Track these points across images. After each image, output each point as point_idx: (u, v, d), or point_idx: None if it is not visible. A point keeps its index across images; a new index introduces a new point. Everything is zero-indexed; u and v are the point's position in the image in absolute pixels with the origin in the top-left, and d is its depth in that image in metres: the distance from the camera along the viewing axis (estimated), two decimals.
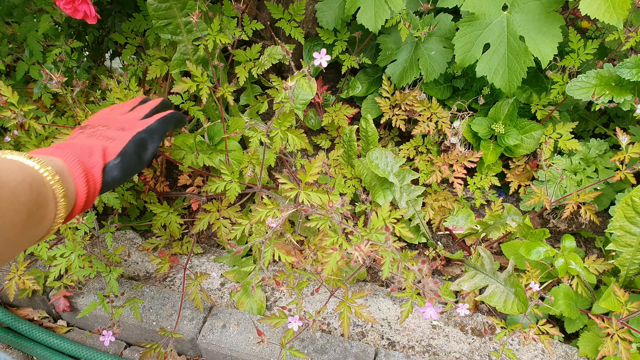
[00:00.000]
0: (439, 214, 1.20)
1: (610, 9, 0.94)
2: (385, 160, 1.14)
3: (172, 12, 1.09)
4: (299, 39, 1.24)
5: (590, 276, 1.01)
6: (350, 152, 1.21)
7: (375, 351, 1.00)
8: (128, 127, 0.75)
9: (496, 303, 1.00)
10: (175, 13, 1.09)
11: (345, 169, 1.23)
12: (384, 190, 1.16)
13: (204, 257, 1.20)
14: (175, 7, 1.08)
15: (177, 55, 1.15)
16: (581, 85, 1.07)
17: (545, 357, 1.00)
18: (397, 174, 1.14)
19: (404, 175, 1.15)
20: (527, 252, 1.00)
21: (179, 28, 1.11)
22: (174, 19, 1.10)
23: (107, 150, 0.69)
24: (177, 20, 1.10)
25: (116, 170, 0.68)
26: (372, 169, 1.13)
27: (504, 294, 1.01)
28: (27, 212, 0.48)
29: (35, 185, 0.51)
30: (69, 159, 0.61)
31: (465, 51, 1.08)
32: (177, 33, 1.12)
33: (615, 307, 0.92)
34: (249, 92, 1.34)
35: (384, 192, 1.16)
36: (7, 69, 1.20)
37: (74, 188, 0.60)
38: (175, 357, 1.11)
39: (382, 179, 1.17)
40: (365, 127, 1.20)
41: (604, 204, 1.18)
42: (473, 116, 1.22)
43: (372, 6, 1.10)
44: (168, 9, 1.08)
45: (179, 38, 1.13)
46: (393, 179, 1.12)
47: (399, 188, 1.14)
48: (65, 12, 0.91)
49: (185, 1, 1.08)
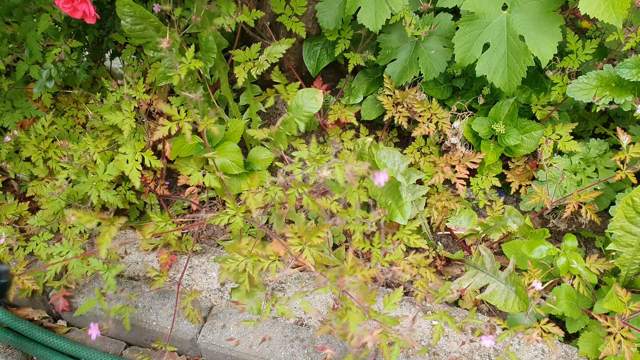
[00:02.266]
0: (441, 215, 1.20)
1: (609, 8, 0.94)
2: (392, 159, 1.14)
3: (149, 32, 1.09)
4: (300, 33, 1.24)
5: (591, 276, 1.01)
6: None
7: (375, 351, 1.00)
8: None
9: (497, 302, 1.00)
10: (152, 33, 1.09)
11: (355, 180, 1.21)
12: (400, 208, 1.13)
13: (204, 257, 1.20)
14: (150, 29, 1.08)
15: (162, 70, 1.13)
16: (582, 86, 1.07)
17: (546, 357, 1.00)
18: (404, 173, 1.14)
19: (410, 175, 1.14)
20: (529, 250, 1.00)
21: (159, 45, 1.11)
22: (151, 38, 1.09)
23: None
24: (155, 40, 1.10)
25: None
26: (380, 168, 1.13)
27: (504, 293, 1.01)
28: None
29: None
30: None
31: (465, 50, 1.08)
32: (158, 50, 1.12)
33: (618, 308, 0.92)
34: (248, 92, 1.34)
35: (401, 210, 1.13)
36: (7, 68, 1.20)
37: None
38: (175, 357, 1.11)
39: (394, 193, 1.14)
40: (374, 154, 1.20)
41: (604, 204, 1.18)
42: (473, 116, 1.22)
43: (373, 6, 1.10)
44: (143, 30, 1.08)
45: (162, 54, 1.12)
46: (400, 178, 1.12)
47: (405, 188, 1.13)
48: (64, 11, 0.91)
49: (158, 25, 1.08)
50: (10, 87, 1.20)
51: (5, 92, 1.21)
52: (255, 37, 1.33)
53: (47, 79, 1.12)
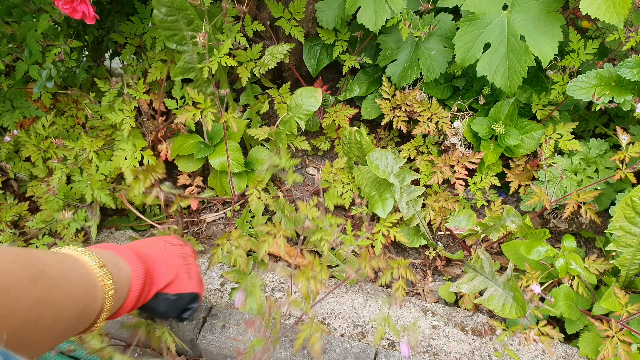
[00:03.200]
0: (439, 215, 1.20)
1: (610, 8, 0.93)
2: (385, 161, 1.14)
3: (179, 25, 1.09)
4: (298, 37, 1.24)
5: (590, 276, 1.01)
6: (351, 154, 1.21)
7: (375, 351, 1.00)
8: (196, 281, 0.79)
9: (494, 307, 1.00)
10: (182, 26, 1.09)
11: (345, 174, 1.22)
12: (383, 201, 1.14)
13: (204, 257, 1.20)
14: (181, 21, 1.08)
15: (181, 64, 1.14)
16: (581, 85, 1.07)
17: (546, 357, 1.00)
18: (397, 175, 1.13)
19: (404, 176, 1.14)
20: (527, 251, 1.00)
21: (184, 39, 1.11)
22: (180, 31, 1.10)
23: (176, 280, 0.73)
24: (183, 33, 1.10)
25: (164, 304, 0.73)
26: (373, 169, 1.12)
27: (502, 298, 1.00)
28: (80, 310, 0.54)
29: (89, 281, 0.56)
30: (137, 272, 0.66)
31: (465, 51, 1.08)
32: (182, 44, 1.12)
33: (615, 308, 0.92)
34: (248, 92, 1.34)
35: (384, 203, 1.14)
36: (7, 68, 1.20)
37: (125, 298, 0.64)
38: (175, 357, 1.11)
39: (380, 185, 1.16)
40: (359, 140, 1.19)
41: (604, 204, 1.18)
42: (473, 116, 1.22)
43: (373, 6, 1.10)
44: (174, 22, 1.08)
45: (184, 48, 1.13)
46: (393, 179, 1.12)
47: (399, 189, 1.13)
48: (64, 11, 0.91)
49: (192, 18, 1.08)
50: (10, 87, 1.20)
51: (5, 92, 1.21)
52: (255, 38, 1.33)
53: (47, 79, 1.12)
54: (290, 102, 1.18)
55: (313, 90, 1.18)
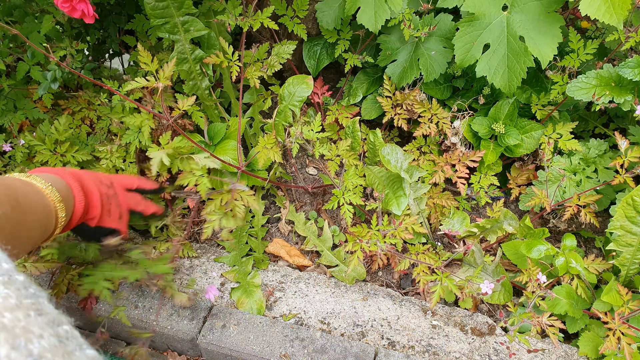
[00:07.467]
0: (440, 214, 1.20)
1: (610, 9, 0.94)
2: (395, 156, 1.15)
3: (170, 12, 1.09)
4: (301, 35, 1.24)
5: (590, 276, 1.01)
6: (355, 143, 1.21)
7: (375, 351, 1.00)
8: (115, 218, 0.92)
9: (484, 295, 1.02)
10: (173, 12, 1.09)
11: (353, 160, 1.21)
12: (397, 199, 1.15)
13: (204, 257, 1.20)
14: (172, 7, 1.08)
15: (174, 54, 1.14)
16: (581, 85, 1.07)
17: (546, 356, 1.00)
18: (407, 170, 1.14)
19: (412, 172, 1.15)
20: (527, 250, 1.00)
21: (176, 27, 1.11)
22: (171, 18, 1.10)
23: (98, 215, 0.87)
24: (175, 20, 1.10)
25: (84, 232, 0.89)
26: (385, 164, 1.14)
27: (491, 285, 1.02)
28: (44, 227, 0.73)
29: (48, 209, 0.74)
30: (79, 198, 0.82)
31: (465, 51, 1.08)
32: (174, 32, 1.12)
33: (616, 302, 0.92)
34: (252, 91, 1.34)
35: (398, 201, 1.15)
36: (8, 68, 1.20)
37: (72, 209, 0.81)
38: (175, 357, 1.11)
39: (394, 183, 1.16)
40: (373, 140, 1.20)
41: (604, 203, 1.18)
42: (473, 116, 1.23)
43: (372, 6, 1.10)
44: (165, 8, 1.08)
45: (176, 37, 1.13)
46: (404, 174, 1.13)
47: (409, 184, 1.14)
48: (62, 10, 0.90)
49: (182, 1, 1.08)
50: (11, 88, 1.20)
51: (7, 92, 1.21)
52: (256, 35, 1.34)
53: (52, 80, 1.12)
54: (283, 91, 1.19)
55: (303, 77, 1.20)
